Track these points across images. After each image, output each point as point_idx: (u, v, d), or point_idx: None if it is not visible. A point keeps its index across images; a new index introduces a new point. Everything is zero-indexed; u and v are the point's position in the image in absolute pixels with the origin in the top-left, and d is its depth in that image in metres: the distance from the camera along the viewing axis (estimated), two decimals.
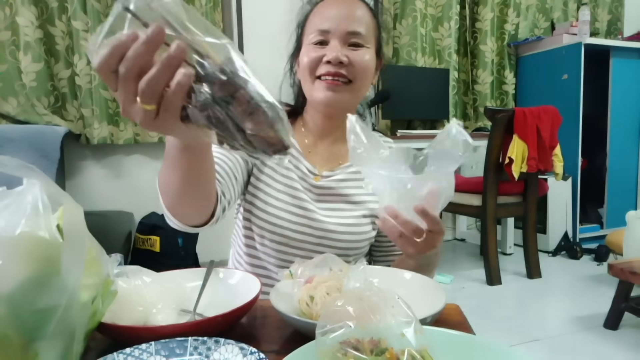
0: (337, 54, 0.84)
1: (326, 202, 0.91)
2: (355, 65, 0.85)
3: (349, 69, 0.85)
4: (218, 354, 0.49)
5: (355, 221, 0.90)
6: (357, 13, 0.87)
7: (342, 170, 0.94)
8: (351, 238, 0.90)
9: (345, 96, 0.87)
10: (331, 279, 0.62)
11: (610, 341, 1.91)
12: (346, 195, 0.92)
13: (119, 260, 0.60)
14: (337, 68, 0.85)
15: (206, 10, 2.74)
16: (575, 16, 3.77)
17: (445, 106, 3.46)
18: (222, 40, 0.43)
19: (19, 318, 0.41)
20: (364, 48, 0.87)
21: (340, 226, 0.89)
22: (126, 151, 2.78)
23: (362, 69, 0.86)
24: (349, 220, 0.90)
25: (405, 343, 0.41)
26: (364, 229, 0.91)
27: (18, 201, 0.43)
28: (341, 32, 0.85)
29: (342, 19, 0.86)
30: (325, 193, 0.92)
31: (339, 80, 0.85)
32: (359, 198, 0.92)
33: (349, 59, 0.85)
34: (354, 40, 0.86)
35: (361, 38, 0.87)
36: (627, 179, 3.51)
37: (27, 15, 2.37)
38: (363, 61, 0.86)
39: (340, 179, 0.93)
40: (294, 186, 0.90)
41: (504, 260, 3.05)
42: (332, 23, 0.86)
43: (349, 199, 0.92)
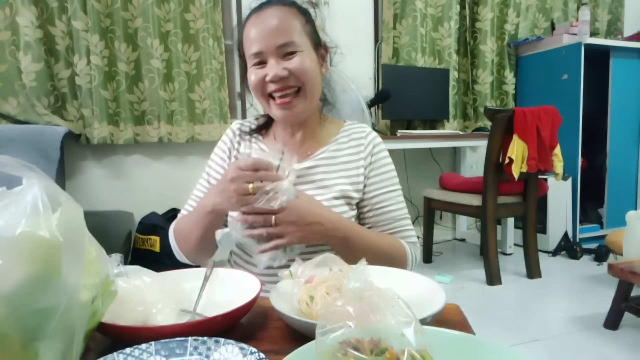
0: (275, 71, 0.88)
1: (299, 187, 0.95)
2: (296, 73, 0.89)
3: (293, 78, 0.89)
4: (218, 354, 0.49)
5: (327, 203, 0.93)
6: (280, 23, 0.89)
7: (311, 159, 0.99)
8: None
9: (300, 106, 0.92)
10: (331, 279, 0.62)
11: (610, 341, 1.91)
12: (316, 181, 0.97)
13: (119, 260, 0.60)
14: (282, 83, 0.89)
15: (206, 10, 2.74)
16: (575, 16, 3.77)
17: (445, 106, 3.46)
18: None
19: (19, 318, 0.41)
20: (299, 53, 0.89)
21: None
22: (126, 151, 2.78)
23: (304, 73, 0.89)
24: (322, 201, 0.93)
25: (405, 343, 0.41)
26: (337, 210, 0.94)
27: (18, 201, 0.43)
28: (272, 49, 0.88)
29: (268, 36, 0.88)
30: (299, 181, 0.95)
31: (288, 96, 0.90)
32: (328, 182, 0.96)
33: (289, 71, 0.88)
34: (287, 50, 0.89)
35: (292, 45, 0.89)
36: (627, 179, 3.51)
37: (27, 15, 2.37)
38: (303, 67, 0.89)
39: (309, 167, 0.98)
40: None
41: (504, 260, 3.05)
42: (261, 44, 0.89)
43: (319, 184, 0.96)
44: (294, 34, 0.89)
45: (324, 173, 0.97)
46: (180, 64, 2.74)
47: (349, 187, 0.96)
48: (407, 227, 1.00)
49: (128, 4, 2.62)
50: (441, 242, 3.56)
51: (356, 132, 1.02)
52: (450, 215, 3.71)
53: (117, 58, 2.61)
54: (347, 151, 1.00)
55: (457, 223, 3.73)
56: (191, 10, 2.74)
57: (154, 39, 2.64)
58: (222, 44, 2.83)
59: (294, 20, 0.91)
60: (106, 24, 2.58)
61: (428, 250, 3.12)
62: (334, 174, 0.97)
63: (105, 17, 2.58)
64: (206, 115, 2.81)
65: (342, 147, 1.01)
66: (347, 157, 0.99)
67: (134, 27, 2.64)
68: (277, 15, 0.90)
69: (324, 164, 0.98)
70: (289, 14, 0.91)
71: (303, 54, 0.90)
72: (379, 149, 1.01)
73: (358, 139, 1.01)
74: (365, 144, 1.00)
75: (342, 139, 1.02)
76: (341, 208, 0.95)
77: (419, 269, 0.70)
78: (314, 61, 0.93)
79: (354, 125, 1.05)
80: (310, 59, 0.91)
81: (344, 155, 1.00)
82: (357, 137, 1.01)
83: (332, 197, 0.95)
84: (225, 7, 2.89)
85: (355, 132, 1.03)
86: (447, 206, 2.93)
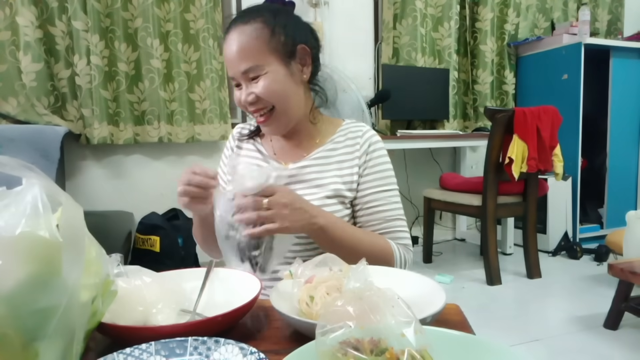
0: (244, 97, 0.92)
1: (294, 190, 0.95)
2: (263, 97, 0.90)
3: (262, 101, 0.91)
4: (218, 354, 0.49)
5: (320, 202, 0.93)
6: (240, 49, 0.89)
7: (306, 159, 1.00)
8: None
9: (276, 123, 0.95)
10: (331, 279, 0.62)
11: (610, 341, 1.91)
12: (309, 180, 0.97)
13: (119, 260, 0.60)
14: (254, 106, 0.92)
15: (206, 10, 2.74)
16: (575, 16, 3.77)
17: (445, 106, 3.46)
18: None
19: (19, 318, 0.41)
20: (263, 76, 0.90)
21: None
22: (126, 151, 2.78)
23: (271, 95, 0.91)
24: (315, 202, 0.92)
25: (405, 343, 0.41)
26: (330, 209, 0.94)
27: (18, 201, 0.43)
28: (239, 75, 0.91)
29: (233, 63, 0.90)
30: (291, 181, 0.97)
31: (263, 115, 0.93)
32: (321, 181, 0.97)
33: (255, 95, 0.90)
34: (251, 75, 0.90)
35: (255, 70, 0.89)
36: (627, 179, 3.51)
37: (27, 15, 2.37)
38: (268, 90, 0.90)
39: (303, 166, 0.98)
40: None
41: (504, 260, 3.05)
42: (230, 70, 0.92)
43: (313, 183, 0.97)
44: (255, 56, 0.89)
45: (317, 172, 0.98)
46: (180, 64, 2.75)
47: (342, 186, 0.96)
48: (399, 229, 0.99)
49: (128, 4, 2.62)
50: (441, 242, 3.56)
51: (353, 131, 1.02)
52: (450, 215, 3.71)
53: (117, 58, 2.61)
54: (342, 150, 1.00)
55: (457, 223, 3.73)
56: (191, 10, 2.75)
57: (154, 39, 2.64)
58: (222, 44, 2.82)
59: (256, 39, 0.89)
60: (106, 24, 2.58)
61: (428, 250, 3.12)
62: (327, 173, 0.98)
63: (105, 17, 2.58)
64: (206, 116, 2.81)
65: (338, 146, 1.00)
66: (342, 156, 0.99)
67: (134, 27, 2.64)
68: (238, 39, 0.90)
69: (318, 164, 0.99)
70: (249, 34, 0.90)
71: (267, 76, 0.90)
72: (375, 147, 1.00)
73: (354, 137, 1.01)
74: (361, 142, 1.00)
75: (338, 138, 1.01)
76: (334, 207, 0.95)
77: (419, 269, 0.70)
78: (282, 77, 0.92)
79: (352, 124, 1.04)
80: (277, 76, 0.91)
81: (339, 155, 0.99)
82: (354, 135, 1.01)
83: (325, 196, 0.95)
84: (225, 7, 2.89)
85: (352, 130, 1.02)
86: (447, 206, 2.93)
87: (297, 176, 0.98)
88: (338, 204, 0.96)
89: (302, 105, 0.98)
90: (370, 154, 0.99)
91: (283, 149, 1.04)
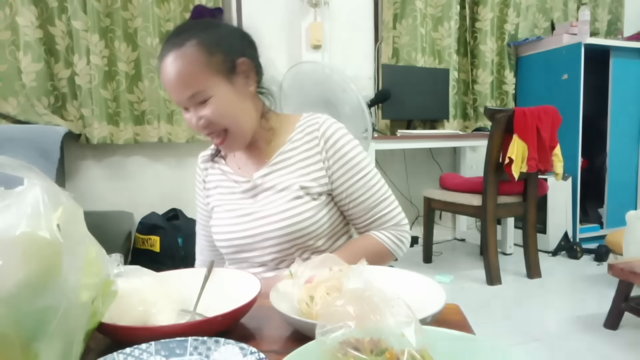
0: (194, 122, 0.89)
1: (261, 200, 0.96)
2: (212, 119, 0.87)
3: (212, 125, 0.89)
4: (218, 354, 0.49)
5: (288, 205, 0.92)
6: (180, 76, 0.85)
7: (267, 166, 0.97)
8: (291, 222, 0.91)
9: (233, 142, 0.93)
10: (331, 279, 0.62)
11: (610, 341, 1.91)
12: (273, 186, 0.95)
13: (118, 260, 0.60)
14: (206, 130, 0.90)
15: None
16: (575, 16, 3.77)
17: (445, 106, 3.46)
18: None
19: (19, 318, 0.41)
20: (209, 100, 0.87)
21: (276, 215, 0.92)
22: (126, 151, 2.78)
23: (222, 117, 0.88)
24: (282, 206, 0.92)
25: (405, 343, 0.41)
26: (301, 209, 0.92)
27: (19, 201, 0.43)
28: (184, 102, 0.88)
29: (175, 91, 0.87)
30: (257, 192, 0.96)
31: (218, 137, 0.91)
32: (286, 183, 0.94)
33: (204, 119, 0.87)
34: (197, 100, 0.87)
35: (200, 95, 0.86)
36: (627, 179, 3.51)
37: (27, 15, 2.37)
38: (217, 113, 0.87)
39: (264, 174, 0.97)
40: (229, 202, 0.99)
41: (504, 260, 3.05)
42: (174, 96, 0.88)
43: (277, 188, 0.95)
44: (198, 82, 0.85)
45: (280, 176, 0.95)
46: None
47: (310, 184, 0.94)
48: (385, 211, 0.96)
49: (128, 4, 2.62)
50: (441, 242, 3.56)
51: (310, 126, 0.97)
52: (450, 215, 3.71)
53: (117, 58, 2.61)
54: (302, 148, 0.96)
55: (457, 223, 3.73)
56: (191, 10, 2.74)
57: (154, 39, 2.64)
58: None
59: (194, 64, 0.85)
60: (106, 23, 2.58)
61: (428, 250, 3.12)
62: (291, 174, 0.95)
63: (105, 16, 2.58)
64: None
65: (296, 144, 0.97)
66: (303, 154, 0.96)
67: (134, 26, 2.64)
68: (175, 65, 0.85)
69: (279, 168, 0.96)
70: (184, 58, 0.85)
71: (214, 100, 0.87)
72: (334, 139, 0.95)
73: (312, 132, 0.96)
74: (319, 136, 0.95)
75: (296, 136, 0.98)
76: (307, 205, 0.92)
77: (419, 269, 0.69)
78: (229, 97, 0.89)
79: (309, 117, 1.00)
80: (224, 98, 0.88)
81: (299, 153, 0.96)
82: (311, 130, 0.97)
83: (293, 198, 0.93)
84: (225, 7, 2.89)
85: (309, 125, 0.98)
86: (447, 206, 2.93)
87: (262, 185, 0.96)
88: (310, 200, 0.93)
89: (254, 117, 0.95)
90: (332, 147, 0.95)
91: (244, 161, 1.02)
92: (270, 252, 0.94)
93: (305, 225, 0.92)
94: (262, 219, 0.93)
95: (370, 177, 0.96)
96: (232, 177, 1.01)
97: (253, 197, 0.97)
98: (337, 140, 0.95)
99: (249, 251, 0.96)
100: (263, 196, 0.95)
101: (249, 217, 0.95)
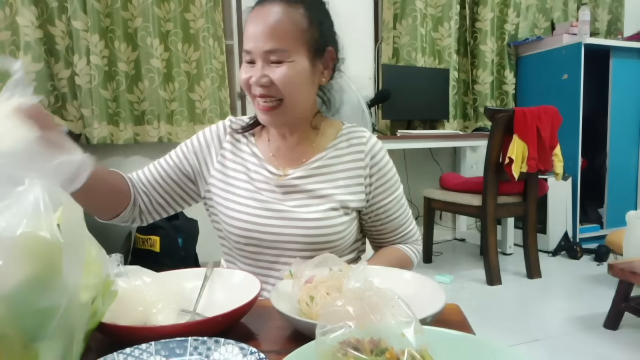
0: (257, 77, 0.84)
1: (293, 200, 0.92)
2: (278, 84, 0.84)
3: (274, 89, 0.85)
4: (218, 354, 0.49)
5: (323, 215, 0.89)
6: (274, 26, 0.82)
7: (305, 167, 0.93)
8: (322, 232, 0.89)
9: (280, 116, 0.88)
10: (331, 279, 0.62)
11: (610, 341, 1.91)
12: (310, 191, 0.92)
13: (119, 260, 0.60)
14: (263, 90, 0.85)
15: (206, 10, 2.74)
16: (575, 16, 3.77)
17: (445, 106, 3.46)
18: None
19: (19, 318, 0.41)
20: (286, 63, 0.84)
21: (309, 221, 0.89)
22: (126, 151, 2.78)
23: (286, 86, 0.84)
24: (317, 214, 0.89)
25: (405, 343, 0.41)
26: (335, 221, 0.90)
27: (19, 201, 0.43)
28: (260, 52, 0.83)
29: (260, 38, 0.83)
30: (290, 191, 0.92)
31: (269, 103, 0.86)
32: (325, 192, 0.91)
33: (270, 80, 0.84)
34: (274, 58, 0.83)
35: (280, 54, 0.83)
36: (627, 179, 3.51)
37: (27, 15, 2.37)
38: (286, 79, 0.84)
39: (302, 176, 0.93)
40: (257, 191, 0.93)
41: (504, 260, 3.05)
42: (252, 43, 0.84)
43: (314, 194, 0.91)
44: (287, 40, 0.83)
45: (320, 182, 0.92)
46: (181, 64, 2.75)
47: (349, 197, 0.92)
48: (411, 228, 1.01)
49: (128, 4, 2.62)
50: (441, 242, 3.56)
51: (356, 138, 0.97)
52: (450, 215, 3.71)
53: (117, 58, 2.61)
54: (346, 158, 0.95)
55: (457, 223, 3.73)
56: (191, 10, 2.74)
57: (154, 39, 2.64)
58: (222, 44, 2.83)
59: (293, 24, 0.84)
60: (106, 23, 2.58)
61: (428, 250, 3.12)
62: (332, 183, 0.92)
63: (105, 17, 2.58)
64: (206, 115, 2.81)
65: (339, 154, 0.95)
66: (346, 164, 0.94)
67: (133, 26, 2.64)
68: (275, 15, 0.83)
69: (320, 173, 0.93)
70: (288, 15, 0.83)
71: (291, 65, 0.84)
72: (380, 157, 0.96)
73: (358, 144, 0.96)
74: (366, 151, 0.95)
75: (340, 144, 0.96)
76: (338, 219, 0.91)
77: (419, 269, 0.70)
78: (303, 72, 0.86)
79: (353, 129, 0.99)
80: (300, 70, 0.85)
81: (343, 163, 0.94)
82: (357, 142, 0.96)
83: (330, 208, 0.90)
84: (225, 6, 2.89)
85: (354, 137, 0.97)
86: (447, 206, 2.93)
87: (298, 186, 0.92)
88: (343, 215, 0.92)
89: (309, 107, 0.94)
90: (377, 164, 0.95)
91: (280, 152, 0.97)
92: (290, 255, 0.90)
93: (335, 238, 0.90)
94: (293, 220, 0.89)
95: (402, 195, 0.99)
96: (265, 164, 0.95)
97: (284, 194, 0.92)
98: (381, 159, 0.96)
99: (265, 248, 0.91)
100: (296, 197, 0.92)
101: (278, 214, 0.90)
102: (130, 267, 0.63)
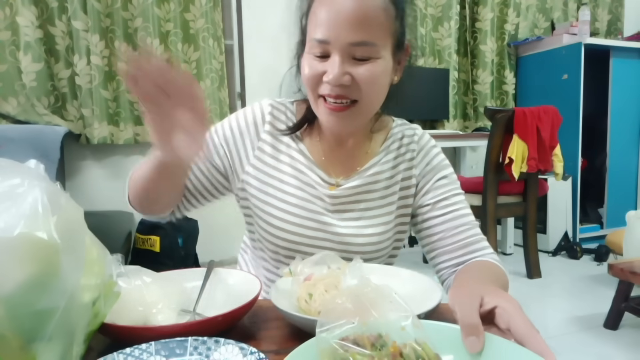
0: (336, 75, 0.68)
1: (343, 212, 0.82)
2: (361, 85, 0.70)
3: (353, 89, 0.71)
4: (218, 354, 0.49)
5: (375, 230, 0.81)
6: (363, 14, 0.67)
7: (359, 176, 0.82)
8: (374, 248, 0.82)
9: (352, 120, 0.75)
10: (329, 276, 0.62)
11: (610, 341, 1.91)
12: (363, 202, 0.82)
13: (119, 260, 0.60)
14: (340, 89, 0.70)
15: (206, 10, 2.74)
16: (575, 16, 3.77)
17: (445, 106, 3.46)
18: None
19: (18, 319, 0.41)
20: (373, 60, 0.70)
21: (360, 237, 0.81)
22: (126, 151, 2.78)
23: (368, 86, 0.71)
24: (370, 230, 0.81)
25: (406, 336, 0.41)
26: (387, 236, 0.82)
27: (18, 202, 0.43)
28: (342, 44, 0.68)
29: (343, 27, 0.67)
30: (342, 202, 0.81)
31: (341, 104, 0.72)
32: (377, 203, 0.82)
33: (352, 78, 0.70)
34: (361, 53, 0.69)
35: (369, 49, 0.69)
36: (627, 179, 3.51)
37: (27, 15, 2.37)
38: (370, 78, 0.70)
39: (356, 185, 0.82)
40: (306, 198, 0.81)
41: (504, 260, 3.05)
42: (330, 32, 0.68)
43: (367, 206, 0.82)
44: (377, 32, 0.69)
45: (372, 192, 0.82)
46: (180, 64, 2.74)
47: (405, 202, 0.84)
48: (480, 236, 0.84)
49: (128, 4, 2.62)
50: None
51: (407, 136, 0.86)
52: None
53: (117, 58, 2.61)
54: (399, 159, 0.85)
55: None
56: (191, 10, 2.75)
57: (154, 39, 2.64)
58: (222, 44, 2.83)
59: (383, 12, 0.69)
60: (106, 23, 2.58)
61: None
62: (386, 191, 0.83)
63: (105, 17, 2.58)
64: None
65: (392, 156, 0.85)
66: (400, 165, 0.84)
67: (134, 27, 2.64)
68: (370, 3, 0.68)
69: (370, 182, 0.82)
70: (380, 3, 0.69)
71: (379, 63, 0.71)
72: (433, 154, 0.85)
73: (409, 144, 0.85)
74: (417, 149, 0.85)
75: (392, 145, 0.85)
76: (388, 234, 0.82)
77: (419, 269, 0.69)
78: (387, 71, 0.74)
79: (402, 125, 0.88)
80: (386, 69, 0.73)
81: (396, 166, 0.84)
82: (408, 142, 0.86)
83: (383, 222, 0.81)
84: (225, 6, 2.89)
85: (406, 135, 0.86)
86: None
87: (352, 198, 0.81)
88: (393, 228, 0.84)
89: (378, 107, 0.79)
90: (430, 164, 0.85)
91: (334, 155, 0.84)
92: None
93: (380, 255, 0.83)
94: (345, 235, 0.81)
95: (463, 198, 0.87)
96: (315, 169, 0.82)
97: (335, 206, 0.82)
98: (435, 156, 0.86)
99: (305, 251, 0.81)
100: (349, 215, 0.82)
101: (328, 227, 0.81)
102: (130, 267, 0.63)
